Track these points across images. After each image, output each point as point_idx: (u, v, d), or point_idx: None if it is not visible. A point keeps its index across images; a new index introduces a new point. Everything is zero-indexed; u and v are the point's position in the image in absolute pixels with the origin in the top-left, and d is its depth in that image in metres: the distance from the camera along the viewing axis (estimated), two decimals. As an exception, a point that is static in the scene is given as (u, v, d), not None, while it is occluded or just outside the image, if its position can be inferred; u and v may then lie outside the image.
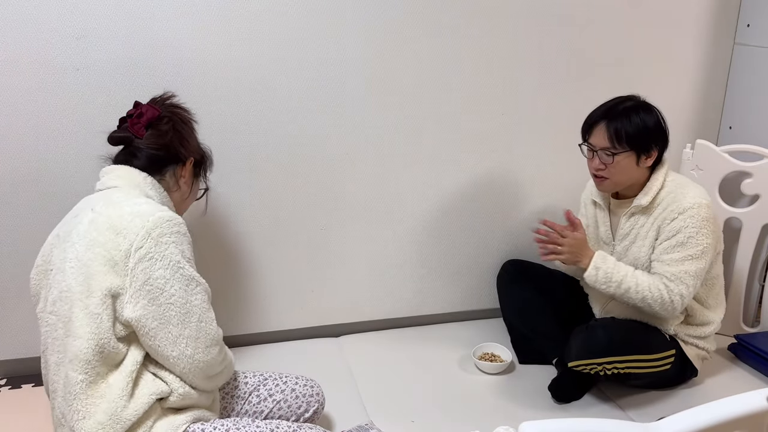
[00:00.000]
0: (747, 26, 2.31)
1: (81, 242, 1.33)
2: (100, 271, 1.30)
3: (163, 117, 1.53)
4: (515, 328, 2.20)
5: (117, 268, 1.30)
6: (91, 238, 1.33)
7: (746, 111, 2.35)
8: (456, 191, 2.27)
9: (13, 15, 1.76)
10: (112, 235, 1.32)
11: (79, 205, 1.46)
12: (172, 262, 1.33)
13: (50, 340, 1.37)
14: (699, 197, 1.79)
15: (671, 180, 1.85)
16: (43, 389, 1.97)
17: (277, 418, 1.57)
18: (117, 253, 1.30)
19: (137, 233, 1.31)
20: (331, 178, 2.14)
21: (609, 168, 1.80)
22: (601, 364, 1.81)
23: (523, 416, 1.84)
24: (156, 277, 1.31)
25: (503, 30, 2.13)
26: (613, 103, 1.82)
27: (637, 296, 1.79)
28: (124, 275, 1.30)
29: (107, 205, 1.37)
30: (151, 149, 1.49)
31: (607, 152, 1.79)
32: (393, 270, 2.30)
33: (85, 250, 1.32)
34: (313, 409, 1.63)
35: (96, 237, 1.32)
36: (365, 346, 2.23)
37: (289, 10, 1.94)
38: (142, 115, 1.51)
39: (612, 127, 1.77)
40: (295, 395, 1.61)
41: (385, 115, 2.12)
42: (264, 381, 1.63)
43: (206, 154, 1.65)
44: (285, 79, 1.99)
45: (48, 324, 1.37)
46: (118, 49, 1.85)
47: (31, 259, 1.95)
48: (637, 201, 1.85)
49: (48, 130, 1.87)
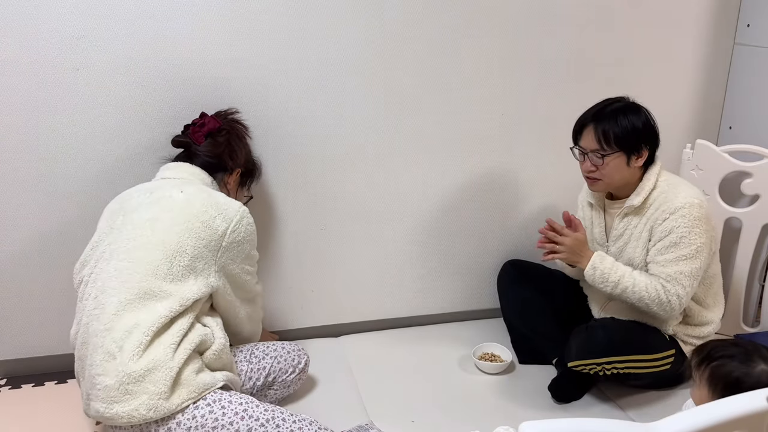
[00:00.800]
0: (747, 26, 2.31)
1: (174, 215, 1.56)
2: (190, 241, 1.55)
3: (222, 129, 1.79)
4: (515, 328, 2.20)
5: (211, 242, 1.58)
6: (192, 213, 1.57)
7: (746, 111, 2.35)
8: (456, 191, 2.27)
9: (13, 15, 1.76)
10: (215, 212, 1.59)
11: (146, 186, 1.69)
12: (249, 244, 1.68)
13: (115, 281, 1.52)
14: (691, 197, 1.78)
15: (664, 180, 1.85)
16: (43, 389, 1.97)
17: (277, 372, 1.80)
18: (214, 230, 1.58)
19: (233, 218, 1.62)
20: (331, 178, 2.14)
21: (600, 170, 1.81)
22: (601, 364, 1.81)
23: (523, 416, 1.84)
24: (239, 252, 1.64)
25: (503, 30, 2.13)
26: (602, 106, 1.83)
27: (635, 296, 1.79)
28: (216, 249, 1.59)
29: (200, 191, 1.63)
30: (206, 156, 1.76)
31: (596, 154, 1.79)
32: (393, 270, 2.30)
33: (184, 220, 1.56)
34: (304, 360, 1.87)
35: (198, 214, 1.57)
36: (365, 346, 2.23)
37: (289, 9, 1.94)
38: (204, 125, 1.77)
39: (600, 128, 1.78)
40: (286, 351, 1.85)
41: (385, 115, 2.12)
42: (255, 346, 1.84)
43: (255, 167, 1.92)
44: (285, 79, 1.99)
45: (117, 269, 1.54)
46: (118, 49, 1.85)
47: (32, 259, 1.97)
48: (630, 201, 1.85)
49: (48, 130, 1.87)
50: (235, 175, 1.82)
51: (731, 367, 1.37)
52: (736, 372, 1.36)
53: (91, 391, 1.47)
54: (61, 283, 2.00)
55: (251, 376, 1.76)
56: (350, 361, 2.13)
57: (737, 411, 0.91)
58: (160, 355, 1.45)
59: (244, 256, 1.68)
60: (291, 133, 2.05)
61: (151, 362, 1.43)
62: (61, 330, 2.05)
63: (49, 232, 1.96)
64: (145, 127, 1.94)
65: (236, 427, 1.47)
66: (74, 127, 1.88)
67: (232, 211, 1.62)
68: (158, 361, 1.44)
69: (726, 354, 1.39)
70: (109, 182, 1.95)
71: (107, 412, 1.42)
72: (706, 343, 1.49)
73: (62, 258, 1.98)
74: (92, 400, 1.46)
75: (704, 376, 1.39)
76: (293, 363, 1.84)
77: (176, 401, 1.44)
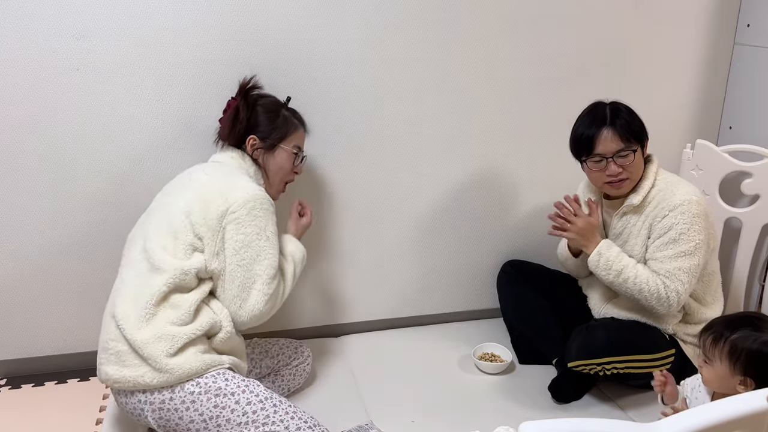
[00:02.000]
0: (747, 26, 2.31)
1: (189, 196, 1.62)
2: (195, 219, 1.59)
3: (237, 108, 1.76)
4: (515, 328, 2.20)
5: (211, 222, 1.59)
6: (202, 194, 1.61)
7: (746, 111, 2.35)
8: (456, 191, 2.27)
9: (13, 15, 1.76)
10: (219, 197, 1.60)
11: (191, 169, 1.75)
12: (252, 232, 1.61)
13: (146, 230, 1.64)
14: (690, 194, 1.79)
15: (662, 178, 1.86)
16: (43, 389, 1.97)
17: (284, 360, 1.92)
18: (216, 212, 1.58)
19: (236, 200, 1.60)
20: (331, 178, 2.14)
21: (626, 169, 1.81)
22: (601, 364, 1.81)
23: (523, 416, 1.84)
24: (237, 240, 1.60)
25: (503, 30, 2.13)
26: (598, 112, 1.83)
27: (635, 287, 1.79)
28: (216, 230, 1.59)
29: (222, 174, 1.68)
30: (226, 139, 1.78)
31: (622, 153, 1.79)
32: (393, 270, 2.30)
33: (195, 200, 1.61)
34: (307, 351, 1.98)
35: (207, 194, 1.61)
36: (366, 346, 2.23)
37: (289, 9, 1.94)
38: (226, 110, 1.80)
39: (619, 128, 1.78)
40: (289, 342, 1.98)
41: (385, 115, 2.12)
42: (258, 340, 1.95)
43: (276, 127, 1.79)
44: (285, 79, 1.99)
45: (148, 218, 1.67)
46: (118, 49, 1.85)
47: (32, 259, 1.97)
48: (629, 200, 1.85)
49: (48, 130, 1.87)
50: (249, 146, 1.77)
51: (752, 338, 1.37)
52: (757, 343, 1.36)
53: (102, 355, 1.57)
54: (61, 283, 2.00)
55: (256, 365, 1.87)
56: (350, 361, 2.13)
57: (737, 411, 0.91)
58: (166, 328, 1.53)
59: (241, 244, 1.60)
60: (291, 133, 2.05)
61: (155, 333, 1.51)
62: (62, 330, 2.05)
63: (49, 232, 1.96)
64: (145, 127, 1.94)
65: (236, 398, 1.53)
66: (74, 127, 1.88)
67: (239, 194, 1.61)
68: (163, 333, 1.52)
69: (741, 326, 1.40)
70: (109, 182, 1.95)
71: (115, 374, 1.52)
72: (713, 321, 1.49)
73: (63, 258, 1.98)
74: (102, 364, 1.56)
75: (724, 351, 1.39)
76: (297, 352, 1.95)
77: (178, 373, 1.51)
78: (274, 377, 1.91)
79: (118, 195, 1.97)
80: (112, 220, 1.98)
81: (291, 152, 1.81)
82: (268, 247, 1.65)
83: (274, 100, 1.84)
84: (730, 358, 1.38)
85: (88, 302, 2.03)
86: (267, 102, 1.81)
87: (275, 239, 1.68)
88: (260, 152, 1.78)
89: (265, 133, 1.77)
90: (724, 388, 1.43)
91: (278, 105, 1.83)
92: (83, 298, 2.03)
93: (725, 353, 1.39)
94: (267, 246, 1.64)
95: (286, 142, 1.80)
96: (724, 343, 1.39)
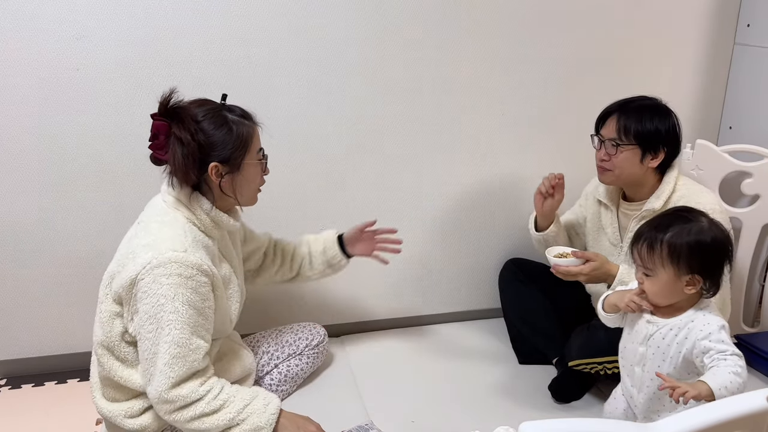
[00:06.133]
0: (747, 26, 2.31)
1: (122, 250, 1.51)
2: (118, 283, 1.45)
3: (174, 133, 1.43)
4: (515, 327, 2.20)
5: (126, 289, 1.43)
6: (123, 252, 1.49)
7: (746, 111, 2.35)
8: (456, 191, 2.27)
9: (13, 15, 1.76)
10: (132, 260, 1.42)
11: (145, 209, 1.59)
12: (158, 303, 1.39)
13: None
14: (713, 203, 1.77)
15: (683, 184, 1.84)
16: (43, 389, 1.97)
17: (303, 346, 1.92)
18: (128, 278, 1.42)
19: (144, 265, 1.39)
20: (331, 178, 2.14)
21: (612, 159, 1.80)
22: (602, 364, 1.81)
23: (523, 416, 1.83)
24: (143, 311, 1.41)
25: (503, 30, 2.13)
26: (632, 98, 1.83)
27: None
28: (129, 298, 1.43)
29: (145, 224, 1.49)
30: (191, 178, 1.47)
31: (612, 143, 1.79)
32: (394, 270, 2.29)
33: (118, 259, 1.50)
34: (323, 332, 1.98)
35: (126, 253, 1.46)
36: (366, 346, 2.23)
37: (289, 10, 1.94)
38: (156, 136, 1.45)
39: (622, 120, 1.78)
40: (301, 327, 1.97)
41: (385, 115, 2.12)
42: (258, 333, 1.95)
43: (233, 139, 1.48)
44: (285, 78, 1.99)
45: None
46: (118, 49, 1.85)
47: (32, 260, 1.97)
48: (650, 204, 1.83)
49: (48, 131, 1.87)
50: (214, 176, 1.48)
51: (686, 231, 1.33)
52: (693, 234, 1.33)
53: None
54: (61, 283, 2.00)
55: (268, 349, 1.89)
56: (350, 361, 2.13)
57: (737, 411, 0.91)
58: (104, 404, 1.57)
59: (147, 315, 1.39)
60: (291, 133, 2.05)
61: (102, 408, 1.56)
62: (61, 330, 2.05)
63: (50, 232, 1.96)
64: (145, 128, 1.93)
65: None
66: (74, 127, 1.88)
67: (147, 257, 1.39)
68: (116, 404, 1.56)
69: (672, 223, 1.36)
70: (109, 183, 1.95)
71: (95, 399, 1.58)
72: (640, 229, 1.44)
73: (63, 258, 1.98)
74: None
75: (664, 255, 1.33)
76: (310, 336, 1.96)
77: (139, 428, 1.55)
78: (298, 355, 1.91)
79: (118, 196, 1.97)
80: (112, 220, 1.98)
81: (257, 160, 1.55)
82: (174, 321, 1.38)
83: (212, 107, 1.50)
84: (671, 260, 1.32)
85: (88, 302, 2.03)
86: (208, 112, 1.47)
87: (189, 312, 1.40)
88: (228, 178, 1.49)
89: (225, 154, 1.46)
90: (671, 296, 1.37)
91: (219, 111, 1.49)
92: (83, 299, 2.03)
93: (665, 256, 1.32)
94: (173, 320, 1.38)
95: (250, 153, 1.52)
96: (661, 245, 1.33)
